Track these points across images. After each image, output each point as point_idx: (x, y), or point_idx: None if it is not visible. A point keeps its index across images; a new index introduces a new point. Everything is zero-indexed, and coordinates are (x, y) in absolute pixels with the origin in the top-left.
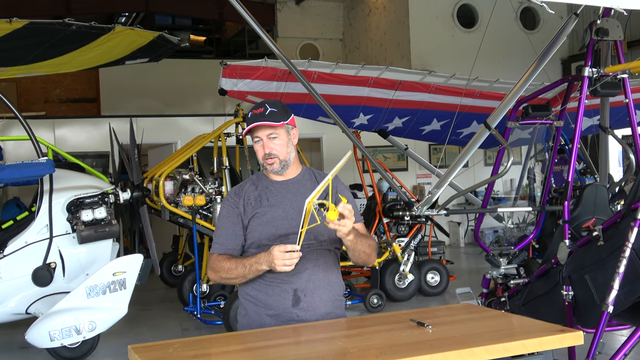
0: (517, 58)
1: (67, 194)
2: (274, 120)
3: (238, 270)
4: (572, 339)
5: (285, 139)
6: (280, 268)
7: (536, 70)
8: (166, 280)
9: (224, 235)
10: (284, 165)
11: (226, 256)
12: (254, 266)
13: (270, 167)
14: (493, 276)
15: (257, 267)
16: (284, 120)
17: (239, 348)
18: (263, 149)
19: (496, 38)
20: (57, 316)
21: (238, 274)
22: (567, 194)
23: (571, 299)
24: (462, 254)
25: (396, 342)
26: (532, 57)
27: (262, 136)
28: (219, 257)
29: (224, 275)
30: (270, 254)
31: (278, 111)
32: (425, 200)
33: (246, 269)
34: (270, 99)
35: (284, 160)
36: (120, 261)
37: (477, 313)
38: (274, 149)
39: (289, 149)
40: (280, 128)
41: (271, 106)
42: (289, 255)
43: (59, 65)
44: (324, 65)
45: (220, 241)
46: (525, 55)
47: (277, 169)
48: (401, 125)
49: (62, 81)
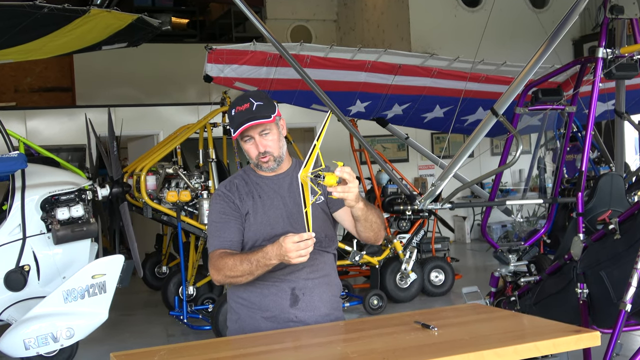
0: (526, 39)
1: (40, 191)
2: (264, 115)
3: (243, 266)
4: (589, 339)
5: (276, 133)
6: (296, 260)
7: (546, 51)
8: (149, 283)
9: (223, 229)
10: (279, 162)
11: (228, 251)
12: (261, 261)
13: (266, 166)
14: (502, 274)
15: (266, 262)
16: (272, 112)
17: (230, 354)
18: (257, 147)
19: (503, 17)
20: (32, 323)
21: (244, 271)
22: (581, 184)
23: (586, 297)
24: (468, 250)
25: (400, 345)
26: (541, 38)
27: (253, 134)
28: (220, 253)
29: (228, 272)
30: (281, 246)
31: (264, 104)
32: (428, 194)
33: (252, 264)
34: (251, 91)
35: (279, 157)
36: (99, 263)
37: (485, 313)
38: (267, 146)
39: (281, 143)
40: (272, 123)
41: (256, 99)
42: (304, 244)
43: (30, 52)
44: (317, 49)
45: (223, 236)
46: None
47: (273, 167)
48: (401, 112)
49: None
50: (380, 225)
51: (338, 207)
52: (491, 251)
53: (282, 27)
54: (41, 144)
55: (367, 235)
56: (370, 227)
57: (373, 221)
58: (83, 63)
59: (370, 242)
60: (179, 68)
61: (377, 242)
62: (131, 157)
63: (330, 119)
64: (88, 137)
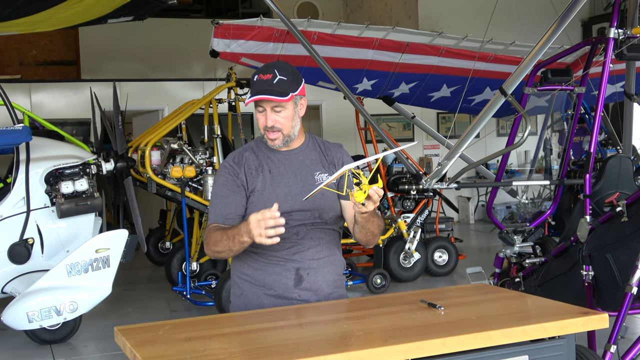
0: (535, 18)
1: (45, 164)
2: (281, 93)
3: (223, 242)
4: (596, 322)
5: (291, 112)
6: (260, 239)
7: (556, 31)
8: (153, 258)
9: (223, 205)
10: (287, 140)
11: (217, 226)
12: (236, 238)
13: (271, 143)
14: (506, 255)
15: (239, 238)
16: (292, 91)
17: (235, 330)
18: (266, 120)
19: None
20: (35, 296)
21: (224, 247)
22: (589, 165)
23: (591, 279)
24: (472, 231)
25: (405, 324)
26: (551, 18)
27: (266, 107)
28: (211, 228)
29: (213, 247)
30: (248, 222)
31: (288, 80)
32: (434, 173)
33: (230, 241)
34: (280, 61)
35: (287, 135)
36: (103, 237)
37: (491, 294)
38: (277, 121)
39: (294, 122)
40: (288, 102)
41: (281, 73)
42: (266, 223)
43: (35, 24)
44: (324, 25)
45: (219, 211)
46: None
47: (279, 145)
48: (408, 91)
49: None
50: (376, 236)
51: (347, 198)
52: (495, 232)
53: (288, 4)
54: (46, 117)
55: (359, 237)
56: (365, 234)
57: (369, 230)
58: (88, 36)
59: (360, 243)
60: (185, 43)
61: (367, 246)
62: (136, 132)
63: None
64: (93, 111)
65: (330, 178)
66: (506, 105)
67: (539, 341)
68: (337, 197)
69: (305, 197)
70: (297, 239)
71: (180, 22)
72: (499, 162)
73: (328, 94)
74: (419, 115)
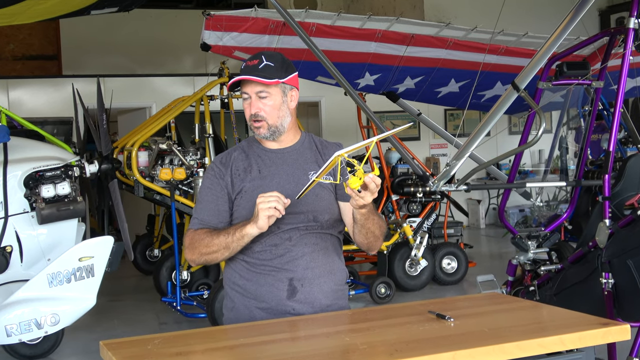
0: (550, 7)
1: (24, 166)
2: (266, 76)
3: (220, 238)
4: (617, 333)
5: (278, 100)
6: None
7: (572, 22)
8: (140, 267)
9: (205, 211)
10: (274, 131)
11: (206, 229)
12: (237, 231)
13: (256, 131)
14: (520, 262)
15: (240, 230)
16: (279, 77)
17: (227, 344)
18: (250, 107)
19: None
20: (14, 308)
21: (219, 245)
22: (608, 165)
23: (611, 287)
24: (483, 236)
25: (413, 337)
26: (567, 7)
27: (250, 93)
28: (196, 232)
29: (203, 250)
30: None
31: (275, 66)
32: (442, 174)
33: (229, 235)
34: (270, 51)
35: (274, 126)
36: (87, 244)
37: (505, 304)
38: (262, 109)
39: (281, 113)
40: (274, 87)
41: (268, 59)
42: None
43: (12, 16)
44: (324, 16)
45: (201, 217)
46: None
47: (265, 134)
48: (413, 86)
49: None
50: (378, 238)
51: (343, 198)
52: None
53: None
54: (25, 116)
55: (360, 240)
56: (365, 235)
57: (370, 231)
58: (70, 29)
59: (362, 248)
60: (174, 36)
61: (369, 251)
62: (121, 132)
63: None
64: (75, 109)
65: (321, 169)
66: (519, 101)
67: (556, 354)
68: (335, 199)
69: (297, 195)
70: (289, 245)
71: (169, 13)
72: (511, 162)
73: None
74: (426, 112)
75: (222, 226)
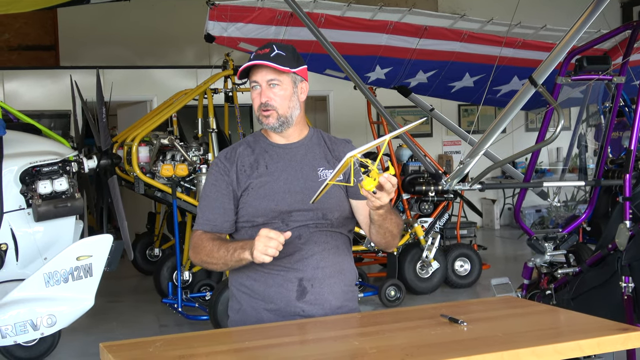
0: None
1: (20, 161)
2: (278, 63)
3: (220, 253)
4: (637, 339)
5: (289, 90)
6: (258, 257)
7: (593, 14)
8: (140, 267)
9: (210, 209)
10: (283, 122)
11: (212, 235)
12: (237, 252)
13: (265, 121)
14: (536, 264)
15: (240, 253)
16: (291, 67)
17: (232, 347)
18: (260, 97)
19: None
20: (9, 308)
21: (219, 259)
22: (629, 164)
23: (631, 291)
24: (497, 237)
25: (424, 341)
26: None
27: (260, 81)
28: (203, 235)
29: (205, 258)
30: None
31: (287, 56)
32: (456, 173)
33: (229, 254)
34: (280, 42)
35: (283, 116)
36: (85, 243)
37: (520, 308)
38: (272, 98)
39: (292, 104)
40: (285, 75)
41: (279, 49)
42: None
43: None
44: (333, 7)
45: (206, 216)
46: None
47: (274, 125)
48: (426, 81)
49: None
50: (396, 236)
51: (357, 197)
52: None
53: None
54: (21, 108)
55: (378, 240)
56: (383, 235)
57: (388, 230)
58: (68, 18)
59: (379, 247)
60: (177, 26)
61: (386, 249)
62: (121, 126)
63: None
64: (73, 102)
65: (334, 171)
66: (536, 96)
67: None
68: (346, 197)
69: (312, 199)
70: (299, 244)
71: (171, 3)
72: (527, 161)
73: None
74: (439, 108)
75: (227, 225)
